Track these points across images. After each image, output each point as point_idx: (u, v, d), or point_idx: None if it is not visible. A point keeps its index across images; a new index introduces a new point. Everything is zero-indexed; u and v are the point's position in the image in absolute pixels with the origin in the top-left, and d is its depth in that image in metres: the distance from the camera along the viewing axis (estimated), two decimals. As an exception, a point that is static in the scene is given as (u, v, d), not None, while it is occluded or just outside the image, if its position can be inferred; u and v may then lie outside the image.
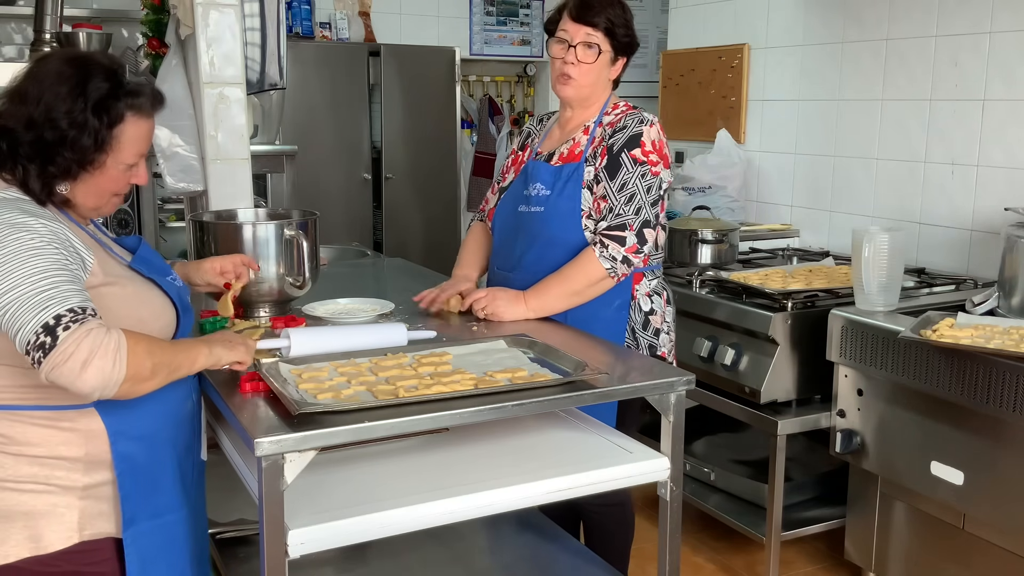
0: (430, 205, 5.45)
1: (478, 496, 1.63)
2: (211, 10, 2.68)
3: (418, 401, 1.61)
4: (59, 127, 1.55)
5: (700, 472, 3.28)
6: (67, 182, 1.59)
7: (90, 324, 1.42)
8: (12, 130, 1.56)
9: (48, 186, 1.58)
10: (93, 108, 1.57)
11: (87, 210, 1.67)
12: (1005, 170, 3.07)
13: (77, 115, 1.56)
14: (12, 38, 4.58)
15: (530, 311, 2.23)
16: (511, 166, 2.54)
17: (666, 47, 4.72)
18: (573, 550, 2.24)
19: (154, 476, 1.64)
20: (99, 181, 1.62)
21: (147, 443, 1.63)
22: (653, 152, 2.28)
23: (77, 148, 1.57)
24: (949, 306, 2.71)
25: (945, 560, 2.58)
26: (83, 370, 1.39)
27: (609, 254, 2.21)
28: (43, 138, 1.55)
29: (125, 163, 1.64)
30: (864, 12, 3.54)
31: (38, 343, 1.39)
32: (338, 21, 5.45)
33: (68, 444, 1.56)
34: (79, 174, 1.59)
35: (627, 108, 2.38)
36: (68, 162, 1.57)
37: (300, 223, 2.22)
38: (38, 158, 1.56)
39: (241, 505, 2.18)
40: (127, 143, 1.62)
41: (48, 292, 1.42)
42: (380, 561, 2.11)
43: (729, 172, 4.06)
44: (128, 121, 1.61)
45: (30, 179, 1.56)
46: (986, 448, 2.35)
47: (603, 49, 2.30)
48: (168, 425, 1.67)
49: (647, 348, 2.35)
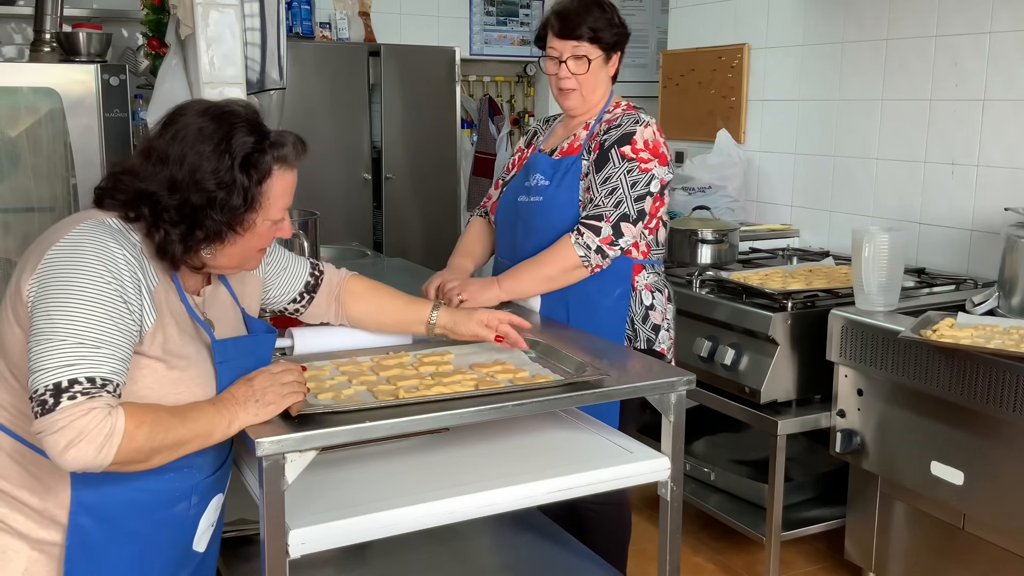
0: (430, 205, 5.45)
1: (478, 496, 1.63)
2: (211, 10, 2.68)
3: (418, 401, 1.61)
4: (206, 188, 1.45)
5: (700, 472, 3.28)
6: (214, 245, 1.50)
7: (95, 403, 1.33)
8: (154, 194, 1.45)
9: (191, 250, 1.49)
10: (241, 166, 1.47)
11: (228, 269, 1.59)
12: (1005, 170, 3.07)
13: (224, 175, 1.46)
14: (12, 38, 4.57)
15: (504, 293, 2.26)
16: (516, 163, 2.58)
17: (666, 47, 4.72)
18: (573, 550, 2.24)
19: (107, 562, 1.50)
20: (247, 240, 1.53)
21: (107, 527, 1.49)
22: (645, 151, 2.30)
23: (227, 210, 1.47)
24: (949, 306, 2.71)
25: (945, 560, 2.58)
26: (65, 450, 1.31)
27: (583, 242, 2.23)
28: (190, 201, 1.45)
29: (272, 219, 1.55)
30: (864, 12, 3.54)
31: (41, 399, 1.32)
32: (338, 21, 5.44)
33: (30, 490, 1.47)
34: (228, 236, 1.49)
35: (627, 108, 2.41)
36: (218, 225, 1.47)
37: (300, 223, 2.22)
38: (184, 223, 1.45)
39: (241, 505, 2.18)
40: (275, 198, 1.53)
41: (85, 350, 1.34)
42: (380, 561, 2.11)
43: (729, 172, 4.06)
44: (275, 175, 1.52)
45: (171, 244, 1.46)
46: (986, 448, 2.35)
47: (592, 56, 2.33)
48: (139, 520, 1.51)
49: (645, 341, 2.37)
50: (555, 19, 2.35)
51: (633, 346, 2.37)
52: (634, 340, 2.37)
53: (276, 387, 1.52)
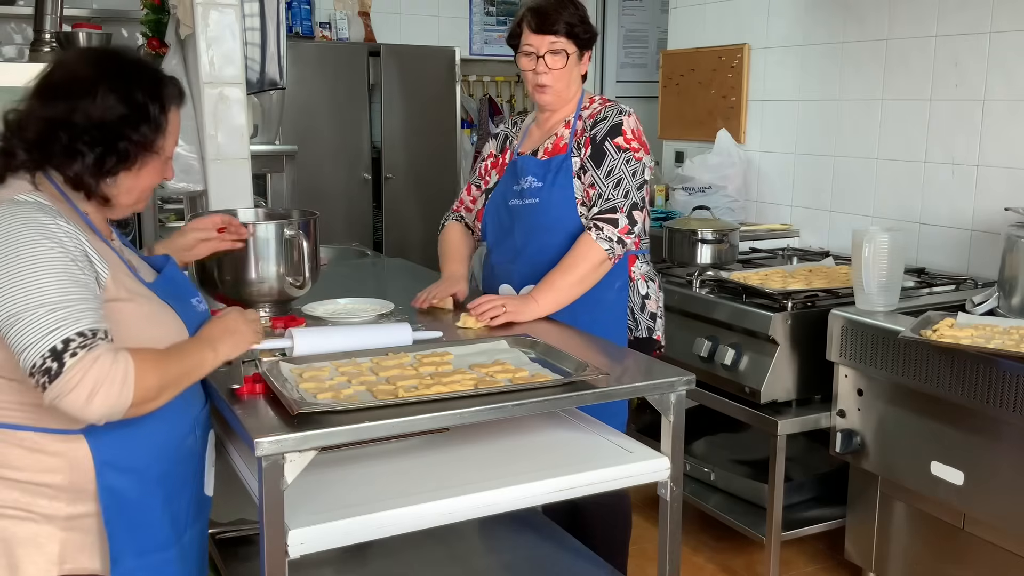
0: (430, 205, 5.44)
1: (478, 496, 1.63)
2: (211, 10, 2.68)
3: (418, 401, 1.61)
4: (119, 110, 1.52)
5: (700, 472, 3.28)
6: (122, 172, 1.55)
7: (98, 351, 1.38)
8: (67, 120, 1.50)
9: (102, 176, 1.54)
10: (149, 91, 1.56)
11: (124, 208, 1.63)
12: (1005, 170, 3.07)
13: (138, 99, 1.54)
14: (12, 38, 4.57)
15: (542, 308, 2.26)
16: (491, 168, 2.59)
17: (666, 47, 4.72)
18: (573, 550, 2.24)
19: (142, 512, 1.56)
20: (147, 172, 1.59)
21: (136, 477, 1.54)
22: (634, 140, 2.36)
23: (139, 130, 1.54)
24: (949, 306, 2.71)
25: (945, 560, 2.58)
26: (89, 400, 1.36)
27: (605, 235, 2.27)
28: (105, 122, 1.51)
29: (167, 154, 1.62)
30: (864, 12, 3.54)
31: (44, 368, 1.35)
32: (338, 21, 5.44)
33: (53, 472, 1.50)
34: (137, 159, 1.55)
35: (604, 101, 2.45)
36: (130, 146, 1.54)
37: (300, 223, 2.22)
38: (100, 144, 1.51)
39: (241, 505, 2.18)
40: (171, 131, 1.61)
41: (60, 312, 1.38)
42: (380, 561, 2.11)
43: (729, 172, 4.06)
44: (171, 109, 1.60)
45: (85, 172, 1.52)
46: (986, 448, 2.35)
47: (569, 51, 2.38)
48: (161, 460, 1.58)
49: (645, 330, 2.44)
50: (531, 15, 2.39)
51: (635, 335, 2.42)
52: (635, 330, 2.43)
53: (245, 323, 1.67)
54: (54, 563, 1.50)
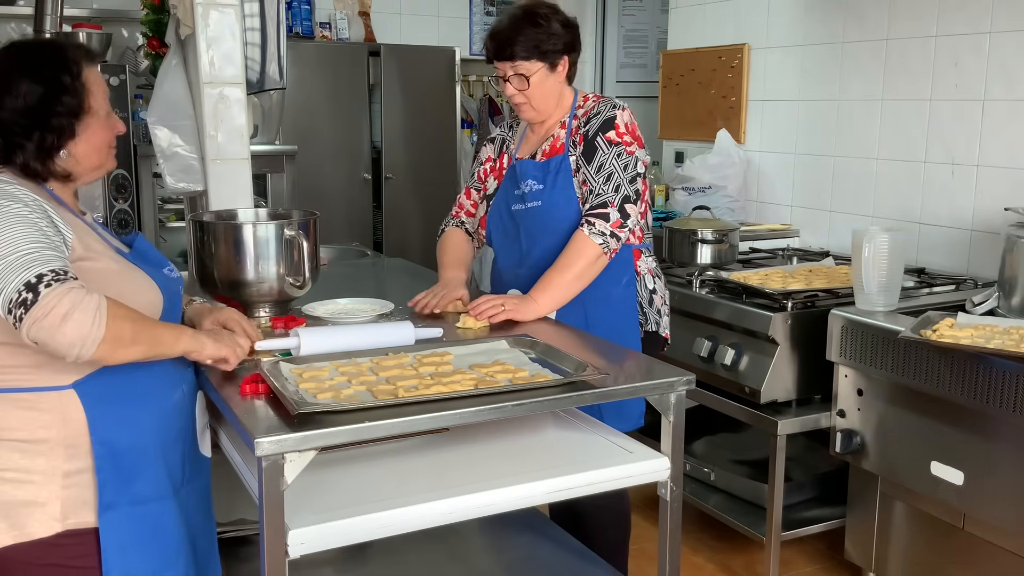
0: (430, 205, 5.44)
1: (478, 496, 1.63)
2: (211, 10, 2.68)
3: (418, 401, 1.61)
4: (36, 91, 1.61)
5: (700, 472, 3.28)
6: (67, 144, 1.64)
7: (71, 284, 1.45)
8: None
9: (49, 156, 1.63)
10: (56, 65, 1.64)
11: (90, 172, 1.71)
12: (1005, 170, 3.07)
13: (48, 75, 1.62)
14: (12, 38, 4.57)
15: (543, 308, 2.26)
16: (489, 172, 2.59)
17: (666, 47, 4.72)
18: (573, 550, 2.24)
19: (135, 462, 1.62)
20: (92, 133, 1.67)
21: (127, 428, 1.62)
22: (627, 134, 2.35)
23: (63, 102, 1.63)
24: (949, 306, 2.71)
25: (945, 560, 2.58)
26: (63, 323, 1.42)
27: (597, 230, 2.27)
28: (30, 110, 1.60)
29: (104, 109, 1.70)
30: (864, 12, 3.54)
31: (20, 300, 1.42)
32: (338, 21, 5.44)
33: (48, 427, 1.57)
34: (75, 128, 1.64)
35: (597, 98, 2.45)
36: (61, 119, 1.62)
37: (300, 223, 2.22)
38: (33, 129, 1.61)
39: (241, 505, 2.18)
40: (94, 87, 1.68)
41: (31, 255, 1.46)
42: (380, 561, 2.11)
43: (729, 172, 4.06)
44: (85, 67, 1.68)
45: (30, 158, 1.61)
46: (986, 448, 2.35)
47: (531, 72, 2.34)
48: (151, 412, 1.66)
49: (655, 324, 2.44)
50: (489, 41, 2.38)
51: (645, 330, 2.42)
52: (645, 324, 2.43)
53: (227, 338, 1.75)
54: (57, 519, 1.57)
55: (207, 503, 1.85)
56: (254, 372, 1.72)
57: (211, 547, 1.85)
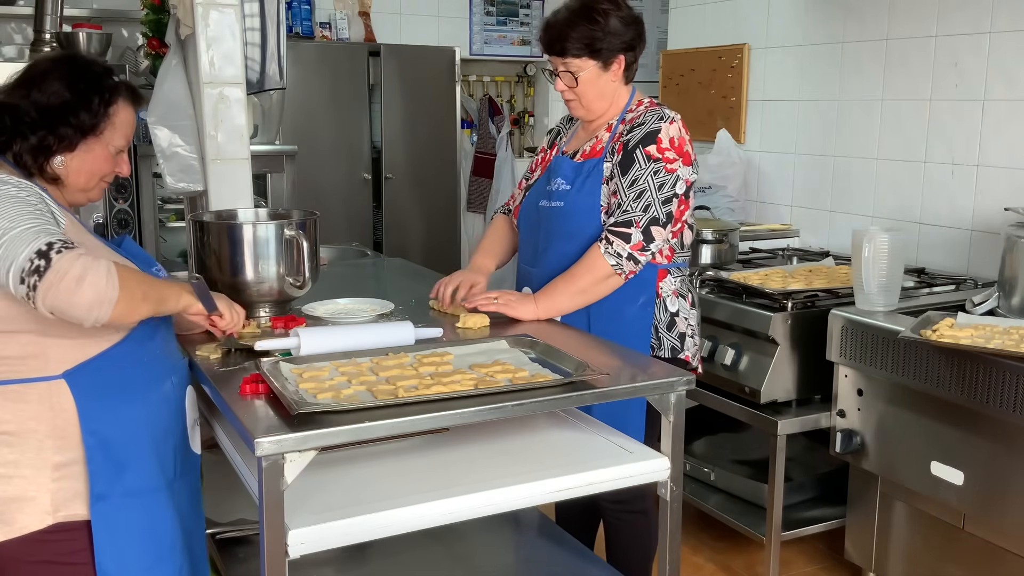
0: (430, 205, 5.45)
1: (478, 496, 1.63)
2: (211, 10, 2.67)
3: (418, 401, 1.61)
4: (62, 96, 1.68)
5: (700, 472, 3.28)
6: (64, 154, 1.69)
7: (79, 250, 1.49)
8: (15, 106, 1.67)
9: (43, 157, 1.68)
10: (93, 83, 1.71)
11: (76, 191, 1.75)
12: (1005, 170, 3.07)
13: (81, 87, 1.69)
14: (12, 38, 4.58)
15: (540, 311, 2.21)
16: (539, 164, 2.52)
17: (666, 47, 4.72)
18: (573, 550, 2.24)
19: (126, 453, 1.63)
20: (92, 158, 1.73)
21: (117, 418, 1.62)
22: (670, 149, 2.22)
23: (79, 116, 1.69)
24: (949, 306, 2.71)
25: (945, 560, 2.58)
26: (79, 285, 1.45)
27: (614, 250, 2.18)
28: (48, 108, 1.67)
29: (115, 146, 1.76)
30: (864, 12, 3.54)
31: (33, 268, 1.44)
32: (338, 21, 5.44)
33: (37, 418, 1.57)
34: (78, 143, 1.70)
35: (650, 104, 2.32)
36: (70, 128, 1.68)
37: (300, 223, 2.22)
38: (42, 127, 1.66)
39: (241, 505, 2.19)
40: (119, 125, 1.75)
41: (34, 228, 1.49)
42: (380, 561, 2.11)
43: (729, 172, 4.06)
44: (120, 104, 1.75)
45: (25, 152, 1.67)
46: (986, 448, 2.35)
47: (581, 71, 2.24)
48: (141, 403, 1.66)
49: (669, 350, 2.31)
50: (542, 32, 2.28)
51: (656, 355, 2.28)
52: (657, 349, 2.30)
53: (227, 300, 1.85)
54: (48, 512, 1.57)
55: (198, 501, 1.85)
56: (254, 372, 1.72)
57: (201, 549, 1.84)
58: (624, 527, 2.40)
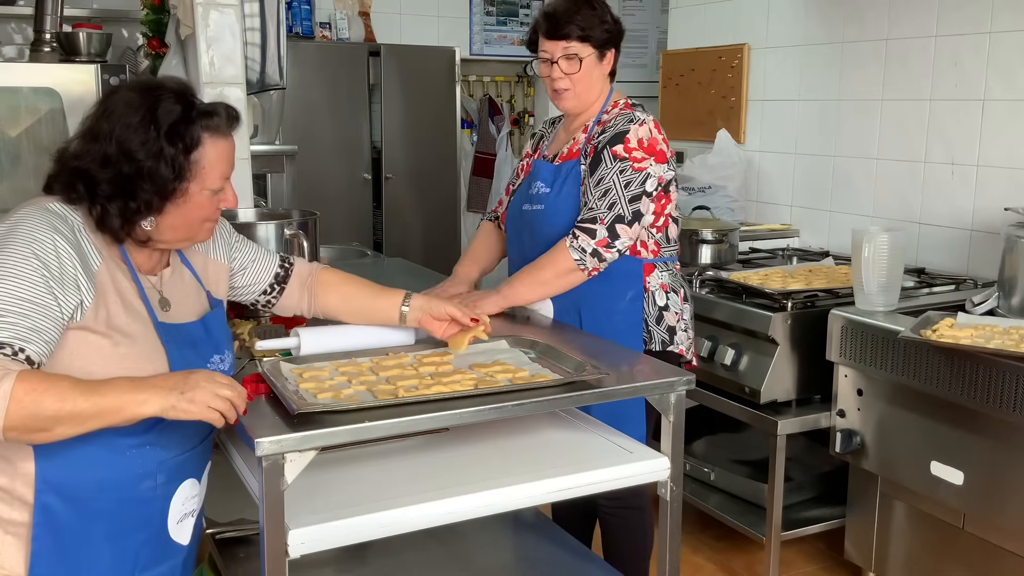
0: (430, 205, 5.45)
1: (478, 496, 1.63)
2: (211, 10, 2.68)
3: (418, 401, 1.61)
4: (135, 159, 1.47)
5: (700, 472, 3.28)
6: (151, 216, 1.51)
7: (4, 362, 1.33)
8: (87, 170, 1.48)
9: (130, 223, 1.51)
10: (167, 135, 1.49)
11: (176, 243, 1.60)
12: (1005, 170, 3.07)
13: (152, 145, 1.48)
14: (12, 38, 4.57)
15: (502, 299, 2.25)
16: (524, 169, 2.56)
17: (666, 47, 4.72)
18: (573, 550, 2.24)
19: (77, 547, 1.50)
20: (186, 211, 1.54)
21: (76, 507, 1.49)
22: (639, 149, 2.25)
23: (157, 179, 1.49)
24: (949, 306, 2.71)
25: (945, 560, 2.58)
26: None
27: (578, 245, 2.21)
28: (121, 174, 1.47)
29: (210, 188, 1.56)
30: (864, 12, 3.54)
31: None
32: (338, 21, 5.44)
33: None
34: (162, 207, 1.51)
35: (625, 106, 2.36)
36: (149, 195, 1.49)
37: (300, 223, 2.23)
38: (118, 196, 1.48)
39: (241, 505, 2.18)
40: (209, 167, 1.54)
41: None
42: (380, 561, 2.11)
43: (729, 172, 4.06)
44: (206, 144, 1.53)
45: (109, 218, 1.49)
46: (986, 448, 2.35)
47: (584, 55, 2.30)
48: (105, 497, 1.51)
49: (659, 343, 2.34)
50: (544, 20, 2.33)
51: (647, 349, 2.32)
52: (649, 343, 2.33)
53: (208, 392, 1.42)
54: None
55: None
56: (254, 372, 1.72)
57: None
58: (620, 524, 2.42)
